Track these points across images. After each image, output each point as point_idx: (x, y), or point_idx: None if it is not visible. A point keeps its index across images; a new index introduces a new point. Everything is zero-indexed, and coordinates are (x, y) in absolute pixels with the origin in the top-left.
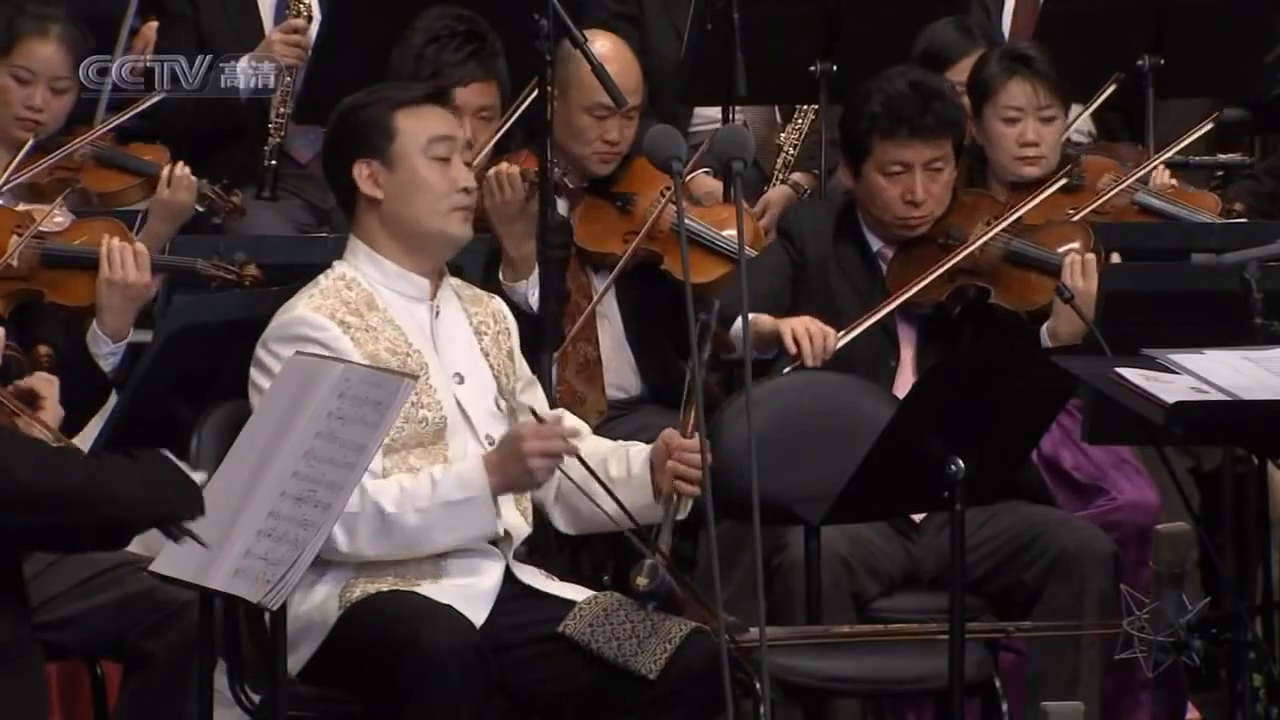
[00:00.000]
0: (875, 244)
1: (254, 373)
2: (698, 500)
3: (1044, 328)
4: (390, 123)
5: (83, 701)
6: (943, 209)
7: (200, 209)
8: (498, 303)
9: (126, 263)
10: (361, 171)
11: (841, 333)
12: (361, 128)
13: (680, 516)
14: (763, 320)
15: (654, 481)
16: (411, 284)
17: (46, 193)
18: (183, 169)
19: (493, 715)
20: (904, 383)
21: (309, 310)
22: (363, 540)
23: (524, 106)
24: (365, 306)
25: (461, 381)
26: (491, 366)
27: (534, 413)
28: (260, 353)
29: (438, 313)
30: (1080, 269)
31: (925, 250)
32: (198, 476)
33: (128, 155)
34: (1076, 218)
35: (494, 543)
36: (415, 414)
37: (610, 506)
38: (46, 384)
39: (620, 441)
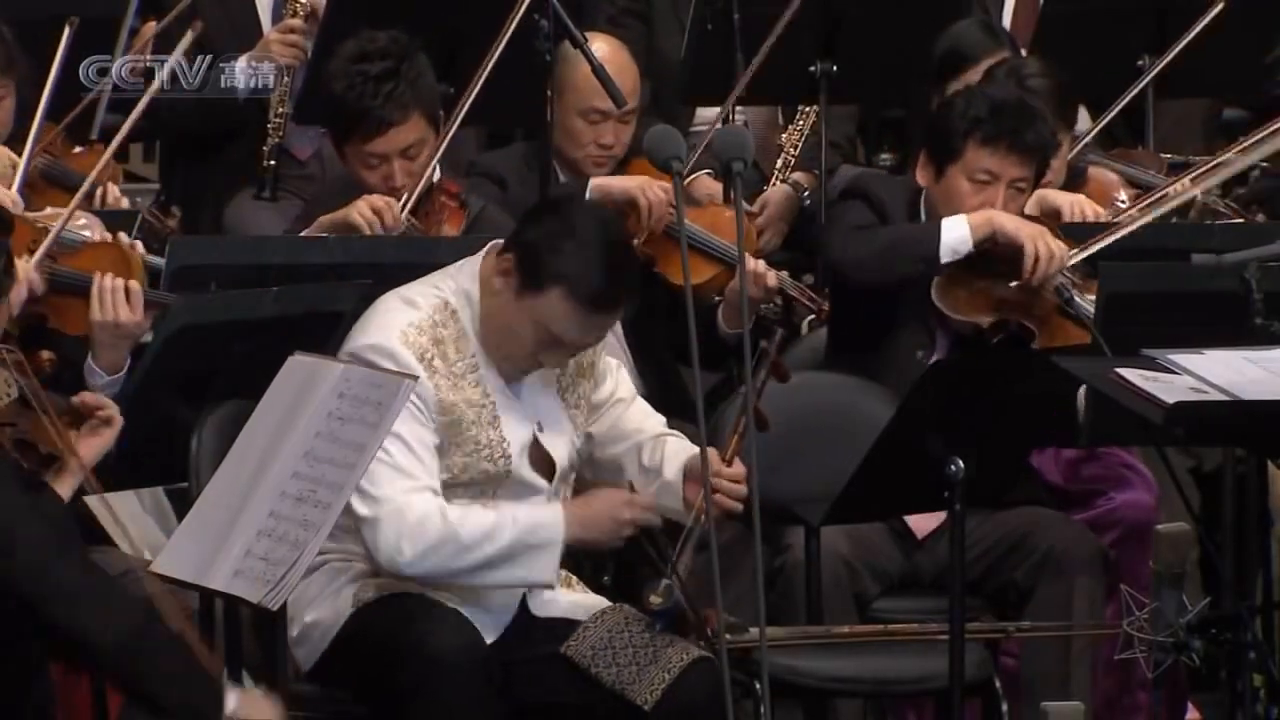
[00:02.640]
0: None
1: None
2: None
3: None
4: (547, 286)
5: (83, 703)
6: None
7: (138, 238)
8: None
9: (118, 303)
10: (504, 263)
11: (1075, 251)
12: (538, 251)
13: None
14: (1003, 221)
15: (685, 494)
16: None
17: (37, 187)
18: (112, 187)
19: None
20: None
21: (400, 345)
22: (423, 560)
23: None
24: (454, 349)
25: (541, 430)
26: (574, 423)
27: (630, 485)
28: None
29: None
30: None
31: (980, 274)
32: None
33: (70, 171)
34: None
35: None
36: (477, 465)
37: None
38: (113, 410)
39: (661, 429)
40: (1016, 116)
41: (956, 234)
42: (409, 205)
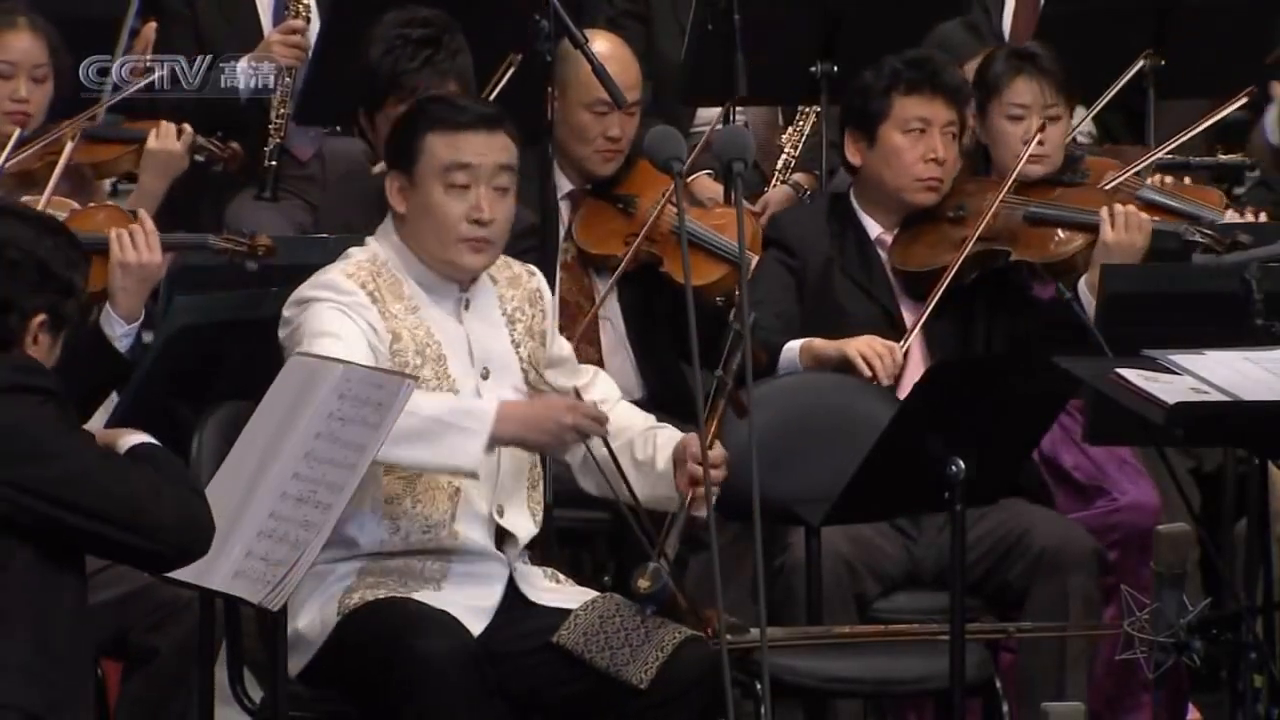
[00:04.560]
0: (874, 230)
1: (282, 332)
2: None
3: (1081, 281)
4: (419, 143)
5: None
6: (951, 184)
7: (200, 159)
8: (538, 280)
9: (138, 243)
10: (392, 184)
11: (901, 341)
12: (397, 139)
13: (698, 513)
14: (819, 345)
15: (676, 482)
16: (437, 281)
17: (40, 180)
18: (169, 123)
19: (490, 718)
20: (914, 364)
21: (341, 276)
22: None
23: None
24: (390, 294)
25: (487, 376)
26: (521, 359)
27: (576, 392)
28: (287, 312)
29: (468, 304)
30: (1125, 222)
31: (932, 226)
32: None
33: (116, 128)
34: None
35: (499, 547)
36: None
37: (624, 493)
38: None
39: (651, 423)
40: (931, 62)
41: (788, 362)
42: None
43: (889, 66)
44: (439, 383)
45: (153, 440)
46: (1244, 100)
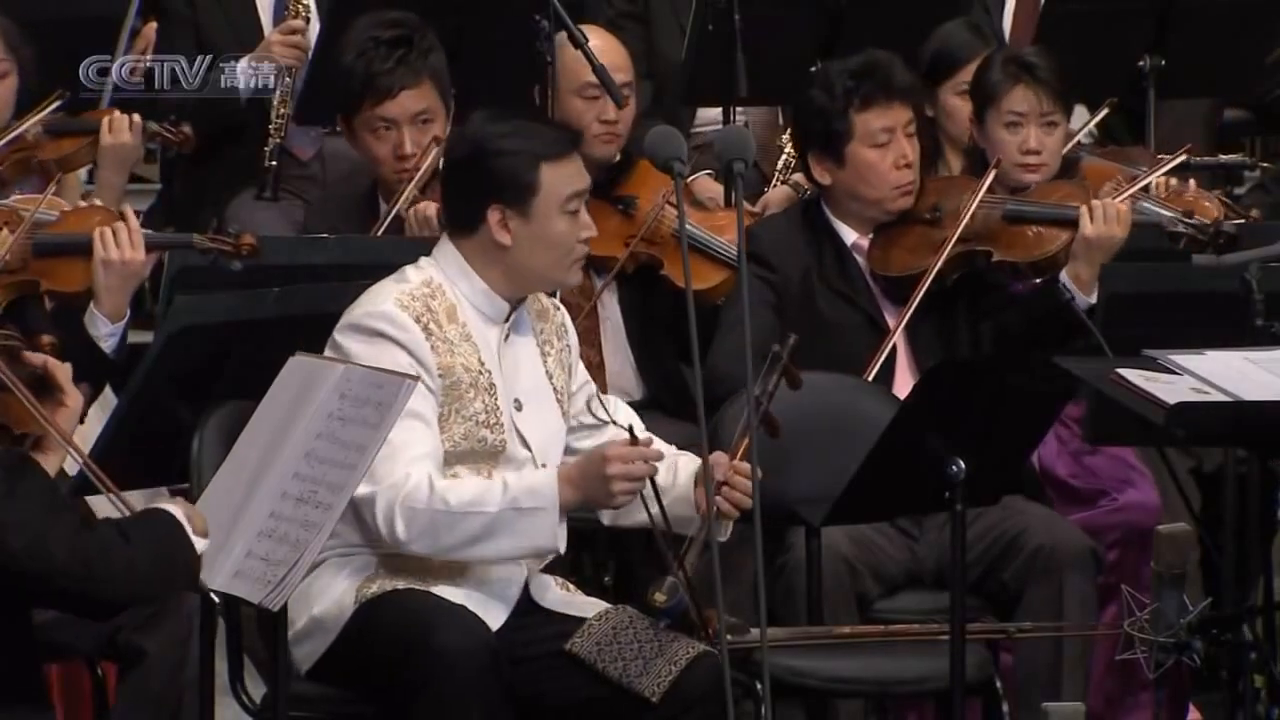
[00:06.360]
0: (849, 237)
1: (332, 355)
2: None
3: (1063, 273)
4: (535, 177)
5: (84, 702)
6: (920, 183)
7: (153, 147)
8: (563, 314)
9: (121, 241)
10: (494, 217)
11: (870, 365)
12: (504, 175)
13: (722, 539)
14: None
15: (696, 499)
16: (493, 305)
17: (8, 180)
18: (120, 114)
19: (503, 716)
20: (900, 367)
21: (396, 308)
22: (417, 531)
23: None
24: (446, 318)
25: (520, 408)
26: (555, 389)
27: (631, 432)
28: (340, 339)
29: (507, 336)
30: (1103, 214)
31: (909, 229)
32: (199, 544)
33: (74, 120)
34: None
35: None
36: (477, 432)
37: (656, 512)
38: (61, 371)
39: (672, 449)
40: (879, 69)
41: None
42: (418, 182)
43: (839, 85)
44: (488, 415)
45: (166, 508)
46: (1183, 157)
